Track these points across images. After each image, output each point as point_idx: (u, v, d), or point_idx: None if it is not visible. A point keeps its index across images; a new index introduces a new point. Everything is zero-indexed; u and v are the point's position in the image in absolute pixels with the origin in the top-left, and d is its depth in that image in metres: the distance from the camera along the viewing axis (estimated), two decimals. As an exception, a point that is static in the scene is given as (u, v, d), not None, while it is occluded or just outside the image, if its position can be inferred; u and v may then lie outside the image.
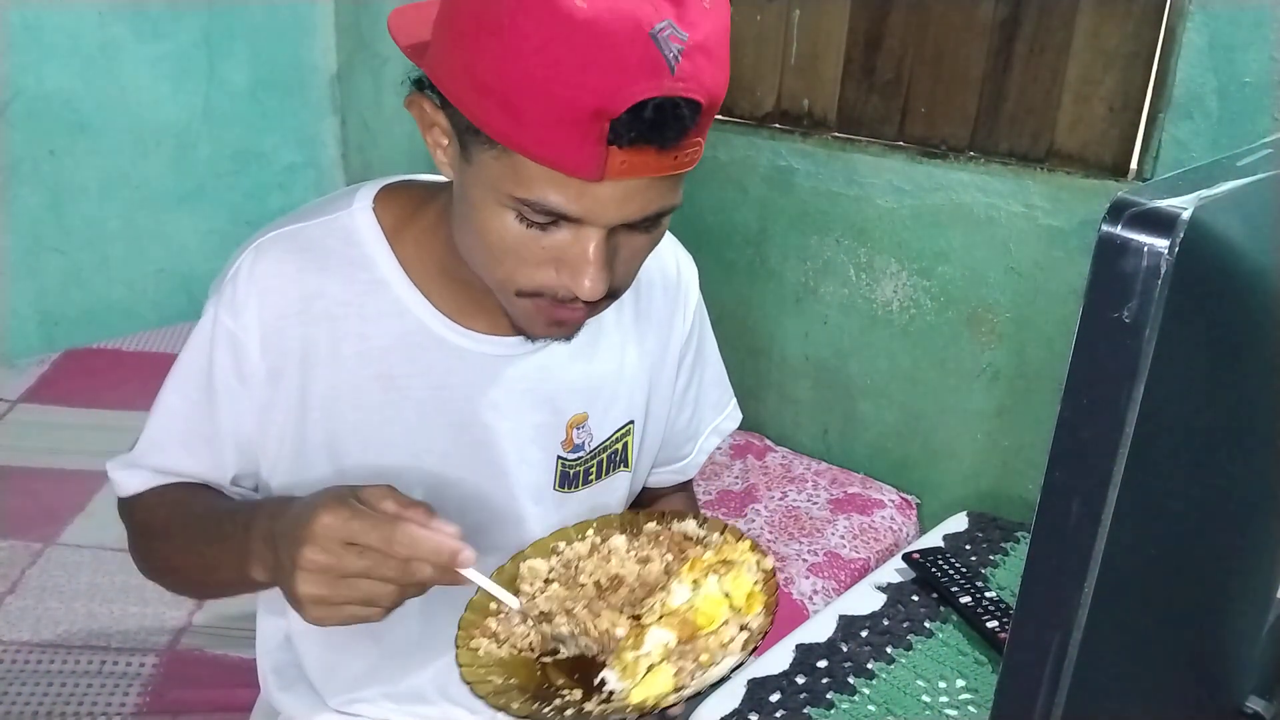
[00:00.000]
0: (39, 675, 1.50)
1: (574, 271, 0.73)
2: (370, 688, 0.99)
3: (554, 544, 0.87)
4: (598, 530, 0.88)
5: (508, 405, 0.90)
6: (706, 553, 0.82)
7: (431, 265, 0.87)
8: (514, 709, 0.72)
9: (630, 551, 0.85)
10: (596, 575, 0.83)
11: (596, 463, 0.97)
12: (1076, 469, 0.44)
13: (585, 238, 0.72)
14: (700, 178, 2.27)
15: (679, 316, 1.01)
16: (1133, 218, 0.41)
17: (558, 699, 0.75)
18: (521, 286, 0.76)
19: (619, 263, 0.76)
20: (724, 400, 1.12)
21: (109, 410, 2.26)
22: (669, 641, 0.74)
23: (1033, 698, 0.47)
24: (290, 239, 0.86)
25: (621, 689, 0.73)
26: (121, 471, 0.92)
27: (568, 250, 0.73)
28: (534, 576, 0.84)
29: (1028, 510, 0.62)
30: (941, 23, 1.91)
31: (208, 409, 0.87)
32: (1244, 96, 1.57)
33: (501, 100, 0.67)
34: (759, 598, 0.77)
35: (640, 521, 0.89)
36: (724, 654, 0.74)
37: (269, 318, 0.84)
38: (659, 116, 0.66)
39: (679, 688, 0.71)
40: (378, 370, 0.86)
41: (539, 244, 0.73)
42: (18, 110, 2.41)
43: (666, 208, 0.74)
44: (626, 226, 0.74)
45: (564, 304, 0.77)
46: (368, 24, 2.80)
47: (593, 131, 0.66)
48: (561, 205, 0.70)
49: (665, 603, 0.77)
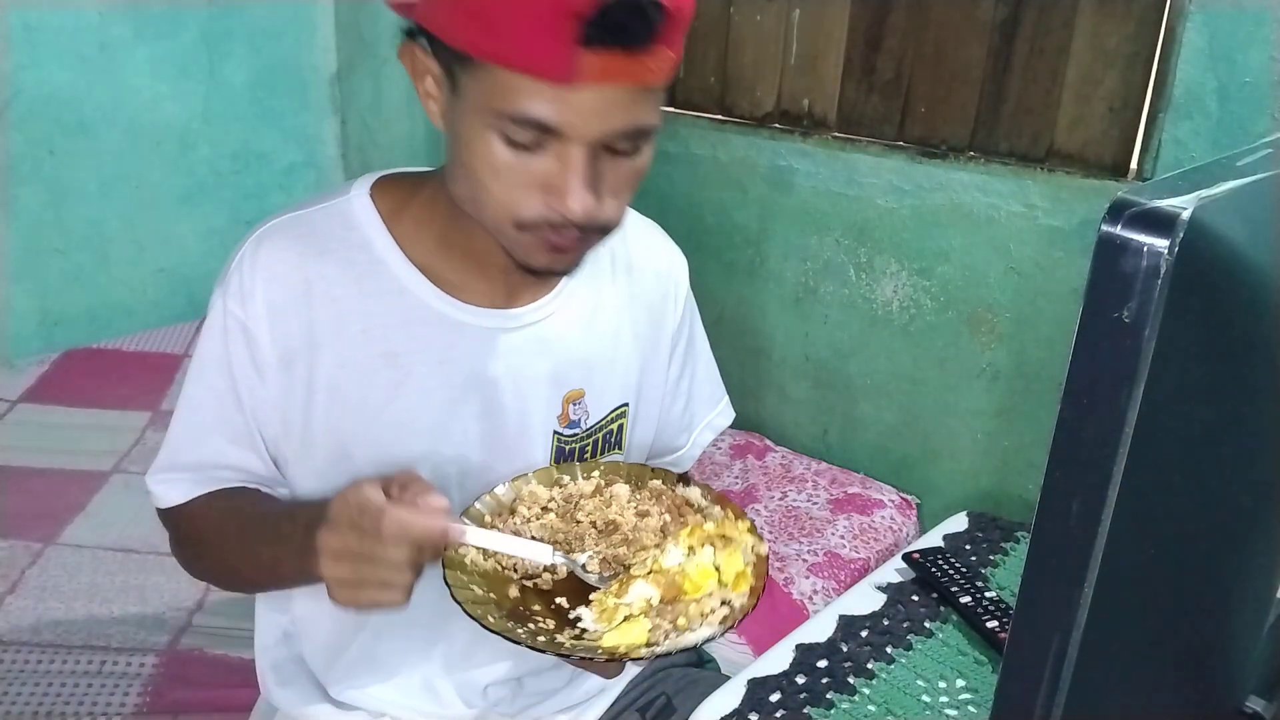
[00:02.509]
0: (39, 675, 1.50)
1: (560, 192, 0.76)
2: (368, 681, 0.99)
3: (560, 476, 0.89)
4: (604, 474, 0.90)
5: (507, 377, 0.92)
6: (708, 523, 0.83)
7: (429, 242, 0.89)
8: (489, 621, 0.73)
9: (631, 502, 0.86)
10: (595, 516, 0.84)
11: (592, 442, 0.98)
12: (1076, 469, 0.44)
13: (568, 155, 0.75)
14: (700, 178, 2.28)
15: (670, 303, 1.03)
16: (1133, 218, 0.41)
17: (530, 624, 0.76)
18: (518, 216, 0.78)
19: (606, 189, 0.78)
20: (717, 396, 1.13)
21: (109, 410, 2.26)
22: (652, 597, 0.76)
23: (1033, 698, 0.47)
24: (289, 226, 0.88)
25: (595, 630, 0.75)
26: (161, 484, 0.92)
27: (553, 171, 0.76)
28: (533, 501, 0.86)
29: (1028, 510, 0.62)
30: (941, 23, 1.91)
31: (233, 396, 0.88)
32: (1244, 96, 1.57)
33: (479, 15, 0.71)
34: (747, 579, 0.78)
35: (646, 476, 0.90)
36: (702, 623, 0.75)
37: (275, 304, 0.86)
38: (625, 16, 0.69)
39: (650, 643, 0.73)
40: (381, 348, 0.88)
41: (526, 169, 0.76)
42: (18, 110, 2.41)
43: (645, 124, 0.77)
44: (610, 151, 0.77)
45: (559, 231, 0.79)
46: (368, 24, 2.80)
47: (562, 31, 0.69)
48: (540, 114, 0.73)
49: (657, 559, 0.79)
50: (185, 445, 0.91)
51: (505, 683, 1.01)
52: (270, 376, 0.87)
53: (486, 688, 1.01)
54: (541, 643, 0.73)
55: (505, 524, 0.84)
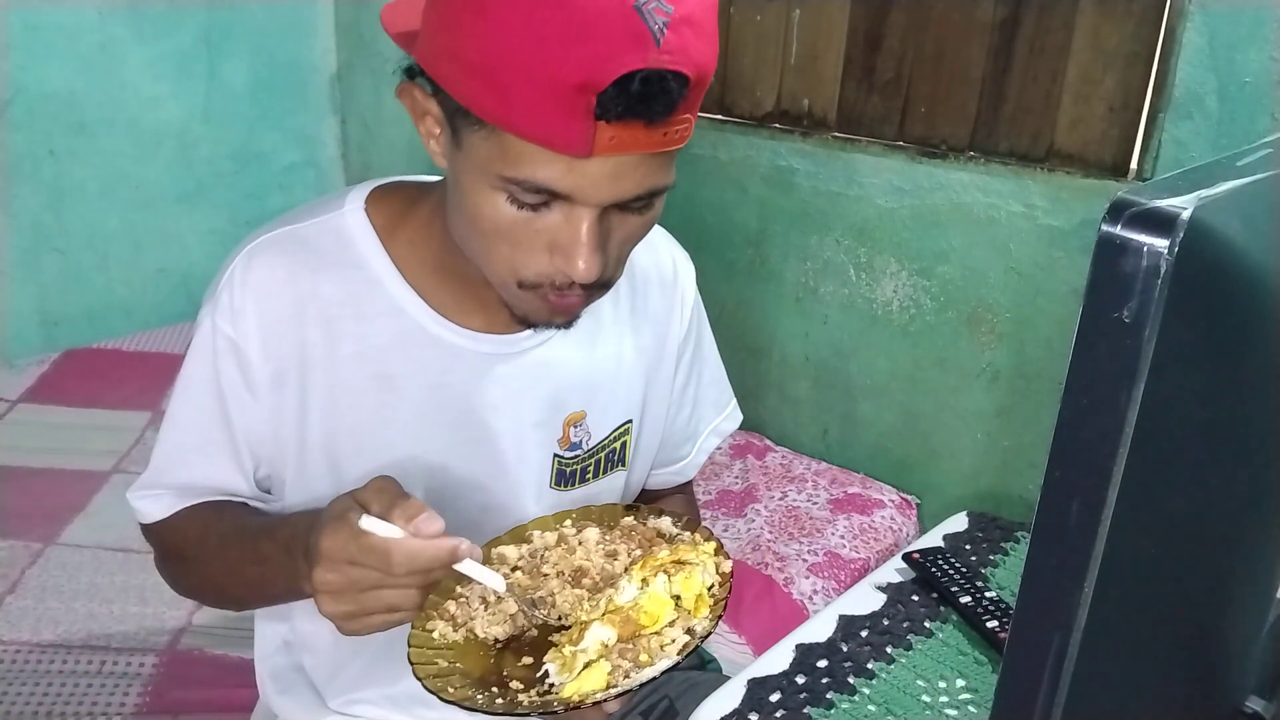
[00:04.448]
0: (39, 675, 1.50)
1: (567, 254, 0.73)
2: (369, 689, 0.99)
3: (529, 532, 0.88)
4: (575, 520, 0.89)
5: (505, 403, 0.90)
6: (662, 551, 0.82)
7: (426, 263, 0.86)
8: (449, 693, 0.73)
9: (599, 545, 0.85)
10: (560, 566, 0.84)
11: (594, 461, 0.97)
12: (1076, 469, 0.44)
13: (577, 218, 0.72)
14: (700, 178, 2.28)
15: (676, 314, 1.01)
16: (1133, 218, 0.41)
17: (499, 687, 0.76)
18: (522, 276, 0.76)
19: (612, 246, 0.76)
20: (724, 400, 1.11)
21: (109, 410, 2.26)
22: (608, 639, 0.75)
23: (1033, 698, 0.47)
24: (282, 242, 0.86)
25: (560, 682, 0.74)
26: (142, 500, 0.91)
27: (560, 233, 0.73)
28: (501, 562, 0.85)
29: (1028, 510, 0.62)
30: (941, 23, 1.91)
31: (220, 417, 0.86)
32: (1244, 96, 1.57)
33: (488, 78, 0.67)
34: (705, 602, 0.77)
35: (618, 515, 0.90)
36: (662, 655, 0.74)
37: (267, 323, 0.84)
38: (646, 89, 0.66)
39: (609, 686, 0.72)
40: (375, 370, 0.86)
41: (532, 228, 0.73)
42: (18, 110, 2.41)
43: (658, 187, 0.74)
44: (619, 208, 0.74)
45: (562, 293, 0.77)
46: (368, 24, 2.80)
47: (579, 106, 0.66)
48: (551, 182, 0.70)
49: (612, 599, 0.78)
50: (169, 465, 0.90)
51: None
52: (263, 395, 0.85)
53: None
54: (500, 705, 0.72)
55: (470, 590, 0.82)
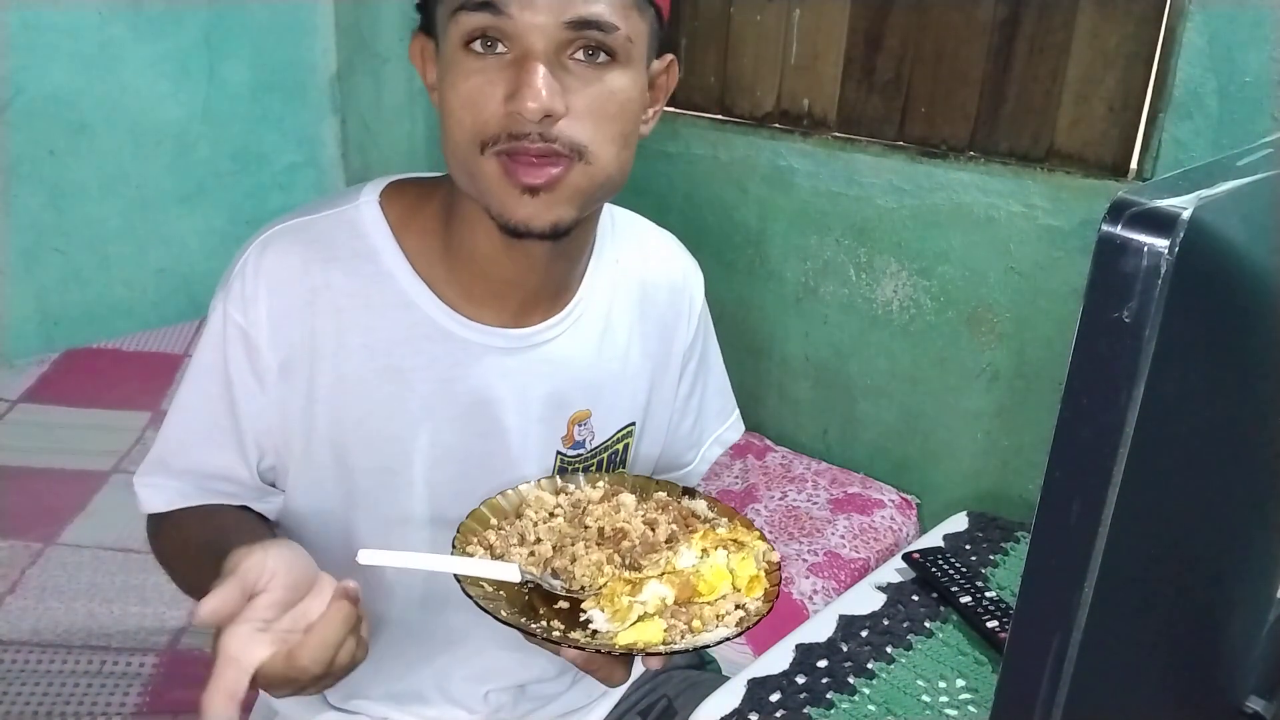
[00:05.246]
0: (39, 675, 1.50)
1: (518, 91, 0.75)
2: (370, 687, 0.99)
3: (564, 485, 0.89)
4: (609, 484, 0.90)
5: (512, 398, 0.90)
6: (720, 528, 0.83)
7: (437, 256, 0.87)
8: (503, 615, 0.73)
9: (638, 511, 0.86)
10: (603, 522, 0.83)
11: (596, 462, 0.97)
12: (1076, 469, 0.44)
13: (526, 60, 0.75)
14: (700, 178, 2.28)
15: (683, 320, 1.02)
16: (1133, 217, 0.41)
17: (541, 623, 0.76)
18: (484, 135, 0.76)
19: (573, 106, 0.76)
20: (727, 409, 1.12)
21: (109, 410, 2.26)
22: (666, 597, 0.76)
23: (1033, 698, 0.47)
24: (296, 232, 0.86)
25: (609, 630, 0.75)
26: (147, 488, 0.91)
27: (513, 80, 0.75)
28: (540, 505, 0.85)
29: (1028, 510, 0.62)
30: (941, 23, 1.91)
31: (227, 404, 0.87)
32: (1244, 96, 1.57)
33: None
34: (761, 583, 0.78)
35: (651, 488, 0.90)
36: (718, 625, 0.75)
37: (277, 312, 0.84)
38: None
39: (667, 642, 0.73)
40: (384, 362, 0.86)
41: (488, 80, 0.75)
42: (18, 110, 2.41)
43: (593, 16, 0.75)
44: (570, 58, 0.76)
45: (523, 145, 0.76)
46: (368, 24, 2.80)
47: None
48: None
49: (670, 560, 0.78)
50: (174, 449, 0.90)
51: (507, 689, 1.01)
52: (270, 384, 0.85)
53: (488, 693, 1.00)
54: (556, 637, 0.72)
55: (511, 526, 0.83)
